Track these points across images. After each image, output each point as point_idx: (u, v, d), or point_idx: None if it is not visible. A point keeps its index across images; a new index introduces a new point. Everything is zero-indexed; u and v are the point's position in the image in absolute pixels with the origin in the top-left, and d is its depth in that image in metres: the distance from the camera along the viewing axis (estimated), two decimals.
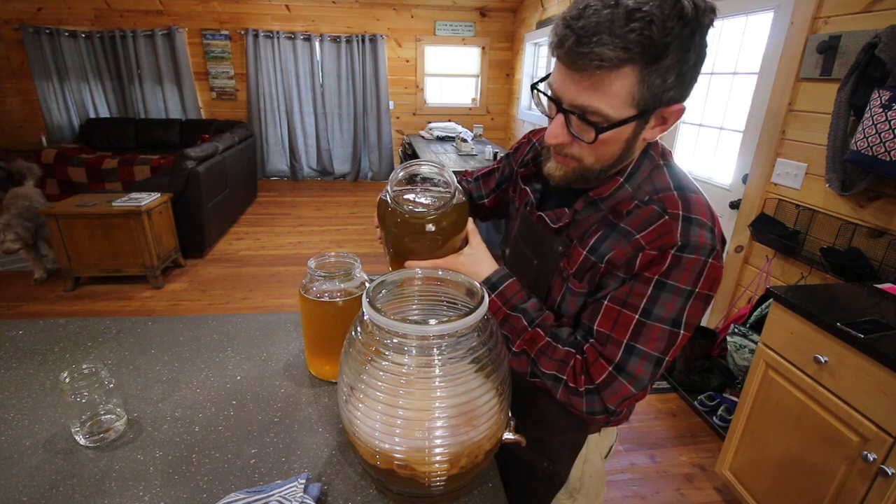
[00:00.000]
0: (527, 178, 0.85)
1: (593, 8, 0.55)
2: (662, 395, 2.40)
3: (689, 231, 0.63)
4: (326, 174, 6.53)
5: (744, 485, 1.63)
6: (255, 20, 5.81)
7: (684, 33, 0.55)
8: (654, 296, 0.64)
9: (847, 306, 1.40)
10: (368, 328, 0.61)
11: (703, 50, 0.59)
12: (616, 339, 0.66)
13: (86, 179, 5.00)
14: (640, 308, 0.65)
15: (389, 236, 0.78)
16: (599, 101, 0.59)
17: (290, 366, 0.98)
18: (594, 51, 0.54)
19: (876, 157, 1.51)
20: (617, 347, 0.66)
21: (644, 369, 0.66)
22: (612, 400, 0.67)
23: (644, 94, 0.58)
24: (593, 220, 0.71)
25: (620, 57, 0.54)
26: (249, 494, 0.63)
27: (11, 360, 0.97)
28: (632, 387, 0.66)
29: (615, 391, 0.66)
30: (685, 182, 0.69)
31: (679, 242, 0.63)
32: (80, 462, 0.72)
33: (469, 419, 0.59)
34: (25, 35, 5.36)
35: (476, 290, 0.65)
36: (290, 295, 3.28)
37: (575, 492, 0.91)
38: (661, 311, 0.64)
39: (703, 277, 0.64)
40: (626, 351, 0.66)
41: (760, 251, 2.22)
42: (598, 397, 0.67)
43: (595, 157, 0.65)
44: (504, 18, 6.19)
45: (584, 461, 0.89)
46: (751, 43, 2.40)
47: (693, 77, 0.60)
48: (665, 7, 0.53)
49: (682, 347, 0.67)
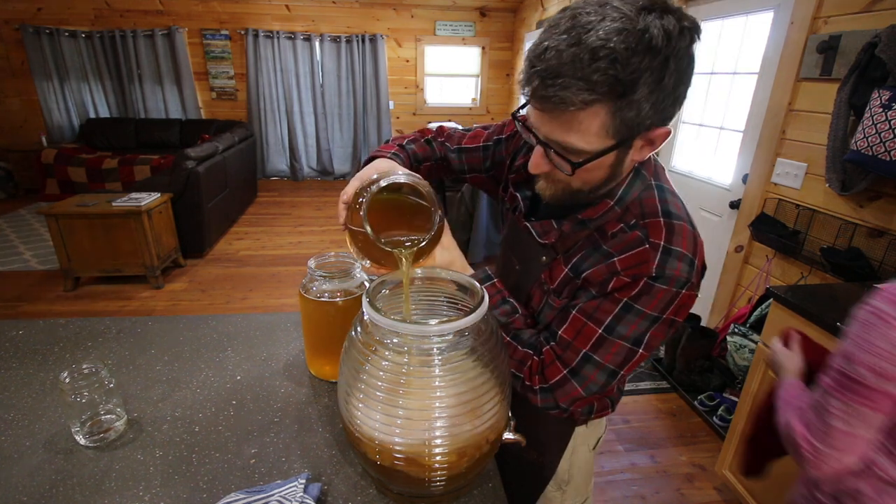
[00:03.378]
0: (518, 183, 0.83)
1: (555, 48, 0.52)
2: (662, 395, 2.40)
3: (667, 263, 0.63)
4: (326, 174, 6.53)
5: (744, 485, 1.63)
6: (255, 20, 5.81)
7: (654, 64, 0.52)
8: (620, 315, 0.66)
9: (847, 306, 1.39)
10: (368, 328, 0.61)
11: (685, 70, 0.55)
12: (576, 347, 0.69)
13: (86, 179, 5.00)
14: (605, 324, 0.67)
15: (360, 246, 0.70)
16: (573, 138, 0.57)
17: (290, 366, 0.98)
18: (558, 94, 0.53)
19: (876, 157, 1.51)
20: (575, 354, 0.69)
21: (597, 378, 0.69)
22: (564, 399, 0.72)
23: (618, 126, 0.56)
24: (580, 237, 0.72)
25: (585, 99, 0.52)
26: (249, 494, 0.63)
27: (11, 360, 0.96)
28: (582, 390, 0.70)
29: (567, 392, 0.71)
30: (673, 207, 0.67)
31: (654, 274, 0.63)
32: (80, 462, 0.72)
33: (470, 412, 0.59)
34: (25, 35, 5.36)
35: (476, 289, 0.65)
36: (290, 295, 3.28)
37: (564, 483, 0.92)
38: (623, 330, 0.66)
39: (672, 305, 0.65)
40: (583, 359, 0.69)
41: (760, 251, 2.22)
42: (551, 396, 0.72)
43: (581, 181, 0.64)
44: (504, 18, 6.19)
45: (573, 453, 0.90)
46: (751, 43, 2.40)
47: (675, 100, 0.57)
48: (630, 41, 0.50)
49: (639, 364, 0.70)
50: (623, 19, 0.51)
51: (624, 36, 0.50)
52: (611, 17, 0.51)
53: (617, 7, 0.51)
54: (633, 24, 0.50)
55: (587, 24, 0.51)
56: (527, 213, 0.80)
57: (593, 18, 0.51)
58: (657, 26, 0.51)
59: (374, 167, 0.75)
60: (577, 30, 0.51)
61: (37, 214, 4.62)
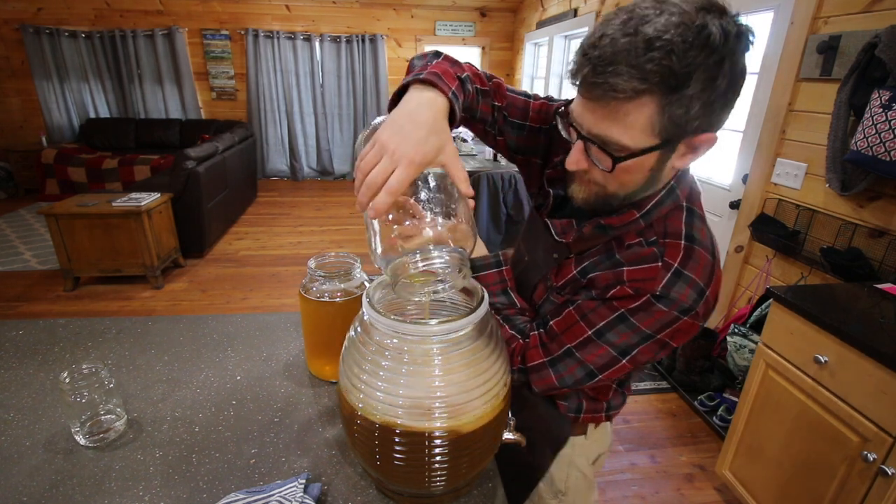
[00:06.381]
0: (552, 180, 0.80)
1: (611, 37, 0.52)
2: (662, 395, 2.40)
3: (674, 286, 0.61)
4: (326, 174, 6.53)
5: (744, 485, 1.63)
6: (255, 20, 5.81)
7: (709, 62, 0.51)
8: (613, 324, 0.65)
9: (847, 306, 1.40)
10: (368, 328, 0.61)
11: (738, 75, 0.54)
12: (562, 341, 0.70)
13: (86, 179, 5.00)
14: (596, 327, 0.66)
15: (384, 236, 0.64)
16: (617, 132, 0.56)
17: (290, 366, 0.98)
18: (608, 81, 0.52)
19: (876, 157, 1.51)
20: (559, 347, 0.70)
21: (575, 372, 0.70)
22: (538, 384, 0.73)
23: (665, 124, 0.55)
24: (597, 243, 0.70)
25: (636, 88, 0.52)
26: (249, 494, 0.63)
27: (11, 360, 0.96)
28: (556, 381, 0.71)
29: (542, 378, 0.72)
30: (698, 233, 0.65)
31: (658, 293, 0.61)
32: (80, 462, 0.72)
33: (470, 402, 0.59)
34: (25, 35, 5.36)
35: (476, 290, 0.65)
36: (290, 295, 3.28)
37: (561, 494, 0.91)
38: (613, 338, 0.66)
39: (669, 329, 0.63)
40: (566, 353, 0.69)
41: (760, 251, 2.22)
42: (525, 377, 0.74)
43: (618, 184, 0.62)
44: (504, 18, 6.19)
45: (569, 464, 0.89)
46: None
47: (725, 104, 0.56)
48: (688, 35, 0.50)
49: (621, 373, 0.69)
50: (682, 14, 0.51)
51: (682, 30, 0.50)
52: (669, 12, 0.51)
53: (676, 3, 0.52)
54: (692, 19, 0.50)
55: (644, 16, 0.52)
56: (552, 209, 0.79)
57: (651, 12, 0.52)
58: (716, 25, 0.51)
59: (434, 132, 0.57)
60: (635, 21, 0.52)
61: (37, 214, 4.62)
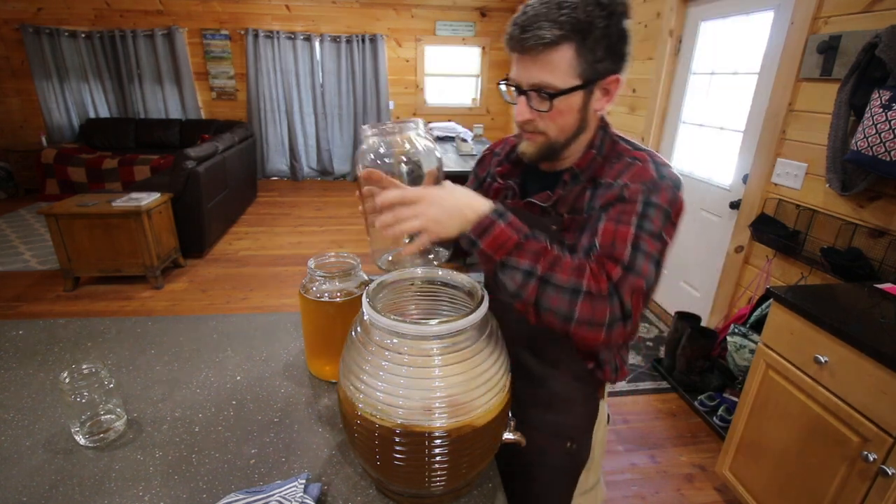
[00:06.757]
0: (504, 175, 0.92)
1: (531, 6, 0.71)
2: (662, 395, 2.40)
3: (661, 169, 0.76)
4: (326, 174, 6.53)
5: (744, 485, 1.63)
6: (255, 20, 5.80)
7: (604, 13, 0.70)
8: (644, 213, 0.72)
9: (847, 306, 1.40)
10: (368, 328, 0.61)
11: (624, 32, 0.73)
12: (619, 244, 0.71)
13: (86, 179, 5.00)
14: (634, 223, 0.72)
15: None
16: (548, 76, 0.72)
17: (290, 366, 0.98)
18: (536, 33, 0.70)
19: (876, 157, 1.51)
20: (623, 247, 0.71)
21: (648, 268, 0.70)
22: (628, 295, 0.68)
23: (583, 66, 0.72)
24: (577, 191, 0.80)
25: (556, 34, 0.69)
26: (249, 494, 0.63)
27: (11, 360, 0.96)
28: (644, 283, 0.70)
29: (630, 285, 0.68)
30: (641, 145, 0.83)
31: (655, 176, 0.75)
32: (80, 462, 0.72)
33: (470, 406, 0.59)
34: (25, 35, 5.35)
35: (476, 290, 0.65)
36: (290, 295, 3.28)
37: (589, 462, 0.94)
38: (650, 226, 0.72)
39: (675, 204, 0.74)
40: (634, 248, 0.71)
41: (760, 251, 2.22)
42: (617, 297, 0.68)
43: (557, 128, 0.77)
44: (504, 18, 6.19)
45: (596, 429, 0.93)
46: (751, 43, 2.40)
47: (621, 52, 0.74)
48: None
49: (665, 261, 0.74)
50: None
51: None
52: None
53: None
54: None
55: None
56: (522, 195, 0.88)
57: None
58: None
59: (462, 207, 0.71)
60: None
61: (37, 214, 4.62)
